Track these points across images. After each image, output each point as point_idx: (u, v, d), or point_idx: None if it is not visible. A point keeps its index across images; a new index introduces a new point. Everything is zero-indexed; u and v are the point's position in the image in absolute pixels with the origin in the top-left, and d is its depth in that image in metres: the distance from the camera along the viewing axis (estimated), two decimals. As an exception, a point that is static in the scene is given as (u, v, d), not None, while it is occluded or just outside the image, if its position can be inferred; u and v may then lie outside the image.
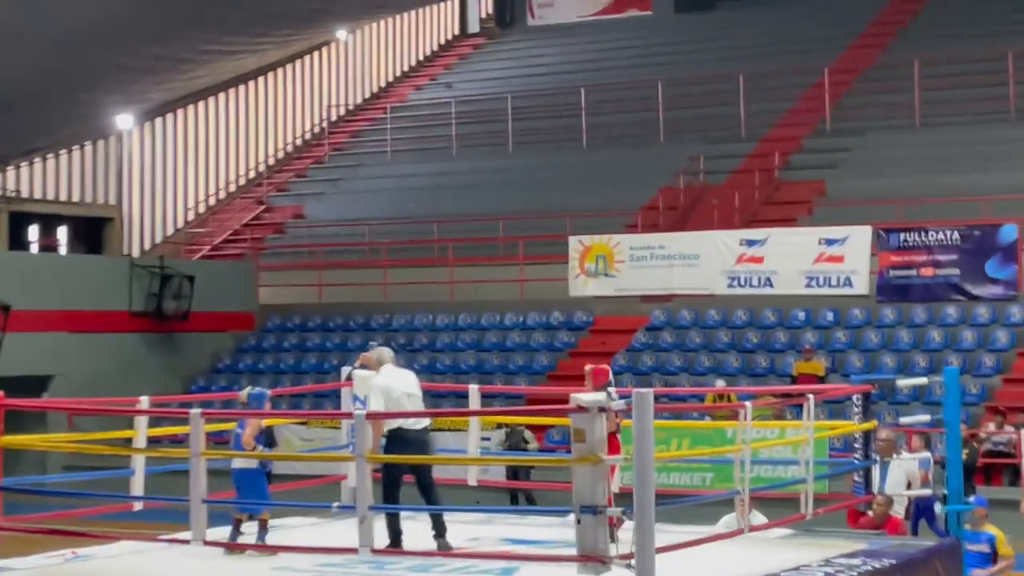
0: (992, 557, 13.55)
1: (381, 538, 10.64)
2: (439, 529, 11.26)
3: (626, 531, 8.91)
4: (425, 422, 11.40)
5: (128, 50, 30.48)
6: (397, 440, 11.28)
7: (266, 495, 11.69)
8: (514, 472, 21.75)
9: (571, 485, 8.90)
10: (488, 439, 21.20)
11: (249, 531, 11.84)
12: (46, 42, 28.45)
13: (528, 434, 22.92)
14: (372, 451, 10.32)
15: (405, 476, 11.48)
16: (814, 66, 34.67)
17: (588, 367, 12.19)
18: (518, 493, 22.44)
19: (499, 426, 22.67)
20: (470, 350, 29.39)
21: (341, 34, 43.24)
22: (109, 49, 29.90)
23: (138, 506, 12.31)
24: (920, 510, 15.47)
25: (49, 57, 29.16)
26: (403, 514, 11.41)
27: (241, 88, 40.75)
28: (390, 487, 11.30)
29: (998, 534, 13.60)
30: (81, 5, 26.77)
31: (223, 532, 11.55)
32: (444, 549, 11.04)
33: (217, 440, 15.21)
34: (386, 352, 11.87)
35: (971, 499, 13.25)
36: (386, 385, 11.51)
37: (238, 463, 11.53)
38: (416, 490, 11.53)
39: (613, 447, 11.54)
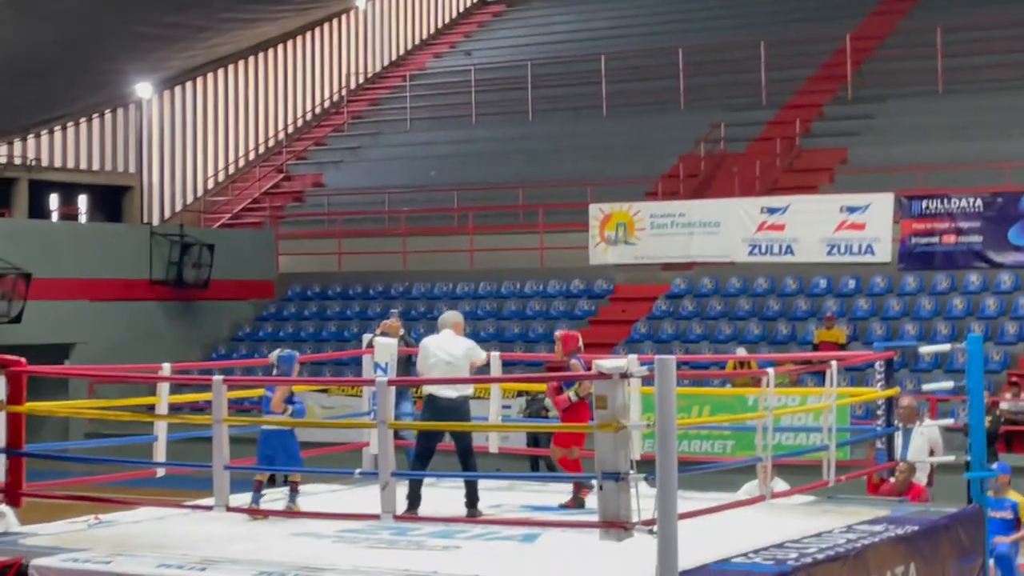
0: (1015, 524, 13.55)
1: (403, 504, 10.66)
2: (471, 498, 11.25)
3: (647, 498, 8.90)
4: (462, 390, 11.30)
5: (146, 18, 30.45)
6: (430, 407, 11.29)
7: (298, 456, 11.70)
8: (535, 439, 21.78)
9: (592, 452, 8.88)
10: (509, 407, 21.24)
11: (274, 495, 11.87)
12: (63, 11, 28.44)
13: (548, 402, 22.90)
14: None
15: (441, 445, 11.49)
16: (836, 33, 34.47)
17: (558, 332, 12.26)
18: (539, 460, 22.45)
19: (519, 394, 22.67)
20: (490, 318, 29.38)
21: (360, 2, 43.14)
22: (127, 18, 29.88)
23: (160, 472, 12.34)
24: None
25: (67, 26, 29.13)
26: (432, 480, 11.43)
27: (260, 56, 40.71)
28: (421, 454, 11.34)
29: (1021, 501, 13.58)
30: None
31: (246, 498, 11.57)
32: (472, 517, 11.05)
33: (238, 408, 15.26)
34: (449, 317, 11.76)
35: (994, 466, 13.23)
36: (426, 349, 11.49)
37: (269, 425, 11.53)
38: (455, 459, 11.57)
39: (582, 415, 11.65)
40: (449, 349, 11.46)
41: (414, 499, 11.09)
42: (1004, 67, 31.23)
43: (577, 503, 11.71)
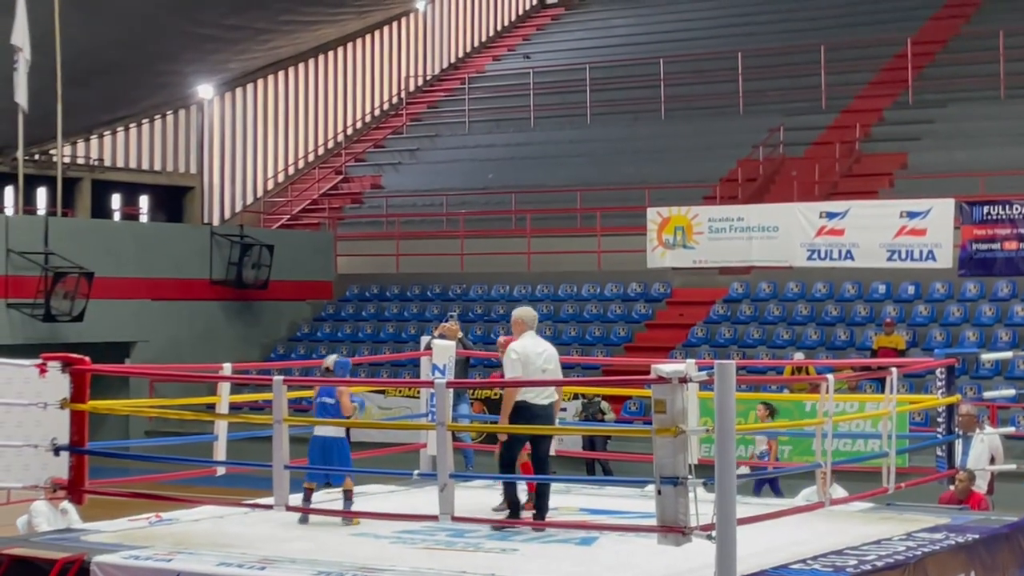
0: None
1: (461, 505, 10.69)
2: (540, 511, 11.21)
3: (706, 503, 8.88)
4: (553, 397, 11.27)
5: (207, 19, 30.70)
6: (522, 413, 11.11)
7: (350, 464, 11.72)
8: (591, 443, 21.79)
9: (649, 456, 8.87)
10: (565, 409, 21.24)
11: (324, 498, 11.91)
12: (126, 11, 28.72)
13: (605, 405, 22.91)
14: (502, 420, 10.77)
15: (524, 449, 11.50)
16: (897, 36, 34.24)
17: (501, 339, 12.21)
18: (595, 463, 22.47)
19: (576, 397, 22.67)
20: (547, 321, 29.31)
21: (420, 4, 43.29)
22: (188, 18, 30.13)
23: (221, 471, 12.43)
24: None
25: (129, 26, 29.42)
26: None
27: (320, 58, 40.94)
28: (508, 460, 11.31)
29: (1083, 510, 13.40)
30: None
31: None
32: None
33: (297, 408, 15.34)
34: (528, 313, 11.70)
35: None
36: (526, 356, 11.29)
37: (326, 431, 11.45)
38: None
39: None
40: (548, 355, 11.43)
41: (515, 507, 11.13)
42: (1068, 72, 30.91)
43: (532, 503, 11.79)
